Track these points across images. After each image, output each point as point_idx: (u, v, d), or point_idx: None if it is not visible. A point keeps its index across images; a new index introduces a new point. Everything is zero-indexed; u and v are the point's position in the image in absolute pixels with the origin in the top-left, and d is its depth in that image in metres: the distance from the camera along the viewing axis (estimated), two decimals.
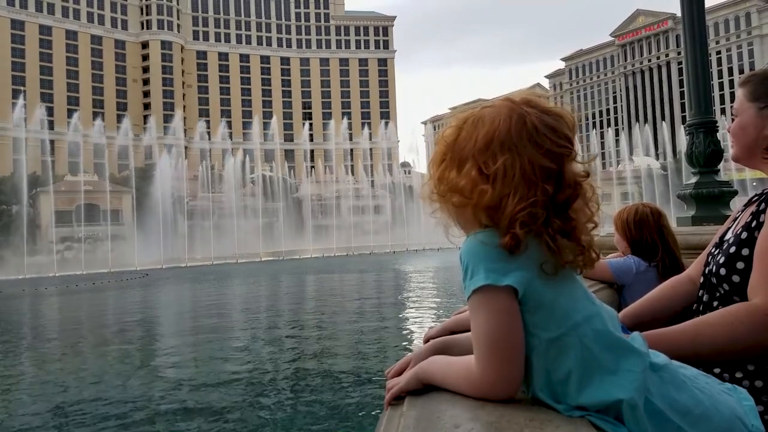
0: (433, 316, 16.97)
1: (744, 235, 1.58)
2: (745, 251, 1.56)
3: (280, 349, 13.44)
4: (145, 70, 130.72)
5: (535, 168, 1.07)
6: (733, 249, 1.59)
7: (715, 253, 1.70)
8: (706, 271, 1.70)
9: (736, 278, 1.56)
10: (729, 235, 1.70)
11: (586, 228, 1.12)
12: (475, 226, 1.11)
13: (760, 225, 1.55)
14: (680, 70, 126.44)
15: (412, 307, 19.97)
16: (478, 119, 1.13)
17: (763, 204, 1.60)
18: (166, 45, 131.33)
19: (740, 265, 1.55)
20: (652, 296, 1.93)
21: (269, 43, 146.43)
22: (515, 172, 1.07)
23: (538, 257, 1.07)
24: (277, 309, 22.96)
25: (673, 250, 3.19)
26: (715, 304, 1.62)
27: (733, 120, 1.82)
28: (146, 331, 17.90)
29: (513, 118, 1.10)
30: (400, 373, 1.24)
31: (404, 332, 15.05)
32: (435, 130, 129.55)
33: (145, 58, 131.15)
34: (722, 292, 1.60)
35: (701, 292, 1.71)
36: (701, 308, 1.68)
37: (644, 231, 3.20)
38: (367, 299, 24.30)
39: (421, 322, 15.87)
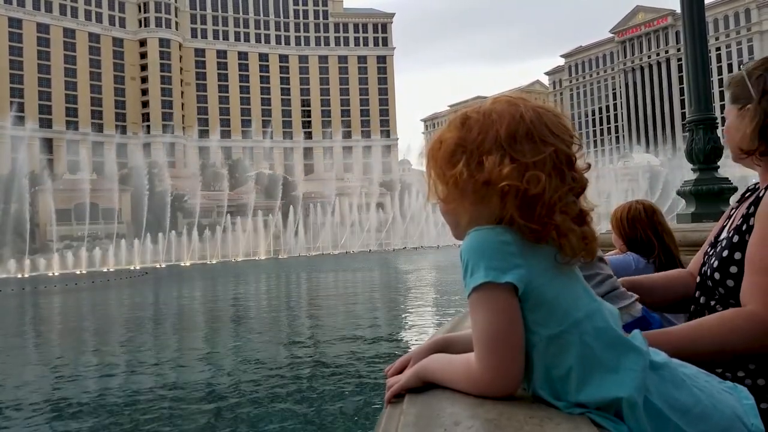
0: (433, 314, 16.94)
1: (736, 238, 1.60)
2: (737, 255, 1.56)
3: (280, 347, 13.41)
4: (143, 68, 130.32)
5: (560, 157, 1.09)
6: (725, 253, 1.60)
7: (711, 253, 1.70)
8: (702, 272, 1.70)
9: (730, 282, 1.57)
10: (723, 234, 1.70)
11: (590, 218, 1.15)
12: (482, 221, 1.10)
13: (750, 228, 1.55)
14: (680, 67, 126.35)
15: (412, 305, 19.95)
16: (488, 113, 1.12)
17: (752, 207, 1.60)
18: (164, 43, 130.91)
19: (733, 269, 1.56)
20: (655, 276, 2.02)
21: (267, 41, 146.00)
22: (546, 162, 1.08)
23: (550, 249, 1.08)
24: (276, 307, 22.94)
25: (669, 246, 3.18)
26: (713, 303, 1.63)
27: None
28: (145, 330, 17.86)
29: (530, 111, 1.11)
30: (400, 371, 1.24)
31: (404, 330, 15.03)
32: (434, 127, 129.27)
33: (143, 56, 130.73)
34: (719, 295, 1.61)
35: (698, 293, 1.72)
36: (699, 309, 1.69)
37: (638, 228, 3.20)
38: (367, 297, 24.28)
39: (421, 320, 15.85)
